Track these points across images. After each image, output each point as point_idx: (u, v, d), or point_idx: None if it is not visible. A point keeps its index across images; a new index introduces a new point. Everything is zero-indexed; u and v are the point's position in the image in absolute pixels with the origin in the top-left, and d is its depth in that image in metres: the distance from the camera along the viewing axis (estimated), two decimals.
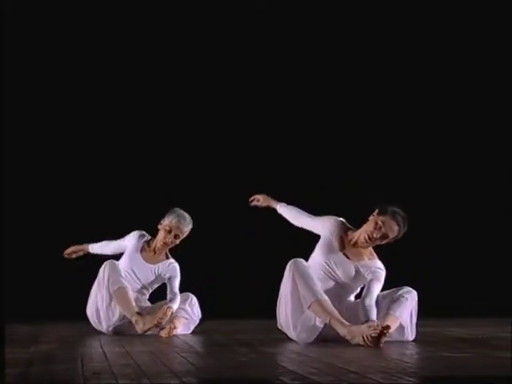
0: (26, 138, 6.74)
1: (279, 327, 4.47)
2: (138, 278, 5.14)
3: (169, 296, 5.07)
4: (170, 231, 5.07)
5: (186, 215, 5.09)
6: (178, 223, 5.05)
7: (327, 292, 4.34)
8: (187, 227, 5.09)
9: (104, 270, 4.99)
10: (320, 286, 4.27)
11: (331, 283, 4.40)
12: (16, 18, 6.59)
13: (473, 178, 7.04)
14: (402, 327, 4.32)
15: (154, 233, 5.22)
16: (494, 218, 7.02)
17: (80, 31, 6.78)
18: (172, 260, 5.20)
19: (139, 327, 4.86)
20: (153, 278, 5.18)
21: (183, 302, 5.07)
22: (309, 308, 4.22)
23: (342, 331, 4.16)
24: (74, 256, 5.44)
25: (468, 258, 6.86)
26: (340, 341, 4.19)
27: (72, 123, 6.87)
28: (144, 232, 5.26)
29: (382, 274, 4.39)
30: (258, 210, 4.91)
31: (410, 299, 4.36)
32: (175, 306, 4.98)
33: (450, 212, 7.06)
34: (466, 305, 6.48)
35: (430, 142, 7.14)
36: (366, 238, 4.33)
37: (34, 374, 3.23)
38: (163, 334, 4.85)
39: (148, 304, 5.21)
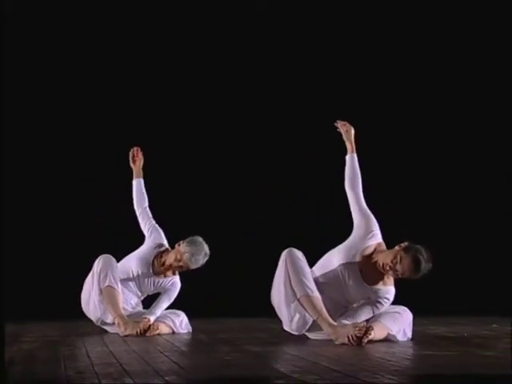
0: (26, 138, 6.70)
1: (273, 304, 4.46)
2: (139, 283, 5.11)
3: (149, 310, 5.06)
4: (179, 260, 5.02)
5: (201, 254, 4.98)
6: (188, 260, 4.98)
7: (328, 296, 4.30)
8: (195, 265, 5.01)
9: (98, 264, 4.97)
10: (312, 281, 4.23)
11: (336, 289, 4.33)
12: (16, 17, 6.56)
13: (472, 177, 7.03)
14: (391, 339, 4.26)
15: (172, 244, 5.17)
16: (487, 218, 7.02)
17: (80, 31, 6.75)
18: (177, 279, 5.16)
19: (120, 330, 4.85)
20: (152, 288, 5.17)
21: (174, 315, 5.08)
22: (298, 301, 4.21)
23: (327, 330, 4.16)
24: (130, 157, 5.41)
25: (454, 256, 6.88)
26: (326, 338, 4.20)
27: (73, 122, 6.84)
28: (163, 241, 5.19)
29: (385, 305, 4.32)
30: (337, 134, 4.69)
31: (404, 316, 4.33)
32: (153, 318, 4.97)
33: (442, 212, 7.06)
34: (448, 303, 6.51)
35: (430, 140, 7.13)
36: (380, 265, 4.25)
37: (16, 374, 3.21)
38: (147, 333, 4.84)
39: (140, 307, 5.21)
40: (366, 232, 4.37)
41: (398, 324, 4.29)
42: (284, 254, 4.29)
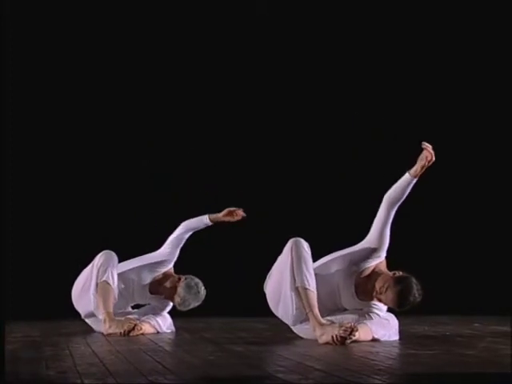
0: (26, 138, 6.67)
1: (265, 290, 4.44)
2: (132, 291, 5.09)
3: (138, 313, 5.09)
4: (171, 297, 5.05)
5: (193, 301, 4.98)
6: (178, 304, 5.02)
7: (320, 297, 4.26)
8: (184, 309, 5.05)
9: (99, 258, 4.97)
10: (313, 275, 4.22)
11: (329, 296, 4.32)
12: (16, 18, 6.53)
13: (462, 179, 7.02)
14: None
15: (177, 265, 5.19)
16: (473, 218, 7.04)
17: (80, 31, 6.74)
18: (169, 302, 5.16)
19: (105, 327, 4.85)
20: (144, 301, 5.18)
21: (158, 315, 5.09)
22: (296, 290, 4.20)
23: (314, 326, 4.16)
24: (231, 210, 5.14)
25: (433, 254, 6.91)
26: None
27: (73, 123, 6.82)
28: (169, 267, 5.16)
29: (374, 319, 4.29)
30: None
31: (391, 323, 4.33)
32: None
33: (421, 211, 7.09)
34: (432, 302, 6.52)
35: (431, 139, 7.14)
36: (370, 286, 4.26)
37: None
38: (130, 333, 4.83)
39: (129, 309, 5.22)
40: (373, 254, 4.32)
41: (384, 329, 4.29)
42: (291, 241, 4.27)
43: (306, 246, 4.28)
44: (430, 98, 7.10)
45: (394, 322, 4.36)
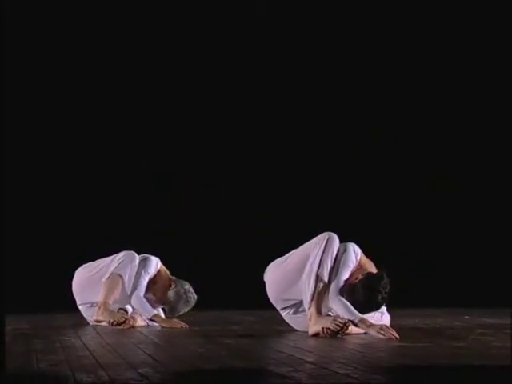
0: (27, 137, 6.70)
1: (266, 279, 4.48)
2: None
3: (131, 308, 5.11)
4: (163, 302, 5.10)
5: (182, 310, 5.04)
6: (168, 311, 5.08)
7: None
8: (172, 315, 5.09)
9: (124, 255, 5.02)
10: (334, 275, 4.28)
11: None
12: (16, 18, 6.52)
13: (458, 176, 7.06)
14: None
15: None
16: (466, 213, 7.09)
17: (80, 31, 6.76)
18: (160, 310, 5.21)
19: (97, 312, 4.91)
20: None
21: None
22: (316, 275, 4.24)
23: (312, 315, 4.18)
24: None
25: (422, 247, 6.94)
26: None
27: (74, 123, 6.85)
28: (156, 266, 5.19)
29: (370, 313, 4.28)
30: None
31: (383, 318, 4.33)
32: (129, 311, 5.06)
33: (406, 204, 7.12)
34: (419, 295, 6.56)
35: (430, 139, 7.17)
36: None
37: None
38: (121, 326, 4.84)
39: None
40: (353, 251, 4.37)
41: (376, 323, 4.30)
42: (327, 233, 4.33)
43: (338, 243, 4.34)
44: (430, 98, 7.12)
45: (386, 317, 4.38)
